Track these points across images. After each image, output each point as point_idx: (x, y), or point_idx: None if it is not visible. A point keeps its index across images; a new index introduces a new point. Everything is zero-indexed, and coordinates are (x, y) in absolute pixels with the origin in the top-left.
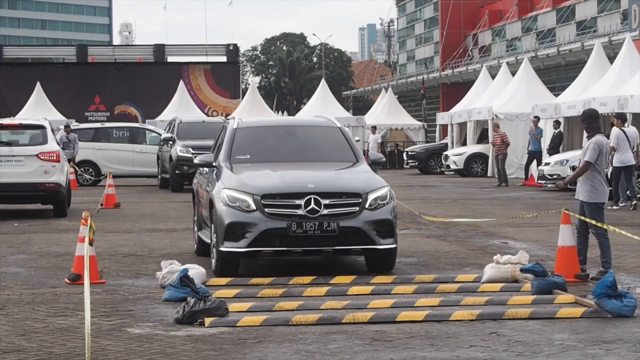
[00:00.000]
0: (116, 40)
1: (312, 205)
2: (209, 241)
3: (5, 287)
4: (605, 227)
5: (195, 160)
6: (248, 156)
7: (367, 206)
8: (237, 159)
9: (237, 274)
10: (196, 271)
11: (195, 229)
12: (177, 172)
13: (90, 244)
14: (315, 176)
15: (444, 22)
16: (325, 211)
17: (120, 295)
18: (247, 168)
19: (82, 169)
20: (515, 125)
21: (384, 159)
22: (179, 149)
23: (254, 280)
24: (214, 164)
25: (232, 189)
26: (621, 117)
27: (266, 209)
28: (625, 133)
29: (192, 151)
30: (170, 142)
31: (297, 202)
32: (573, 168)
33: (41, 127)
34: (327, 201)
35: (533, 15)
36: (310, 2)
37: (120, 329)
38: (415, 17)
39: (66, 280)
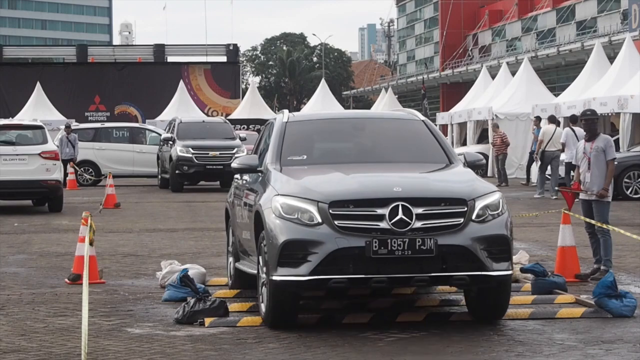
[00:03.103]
0: (116, 40)
1: (400, 215)
2: (252, 271)
3: (5, 287)
4: (608, 227)
5: (233, 164)
6: (304, 157)
7: (474, 217)
8: (290, 161)
9: (295, 317)
10: (196, 271)
11: (231, 258)
12: (177, 172)
13: (91, 244)
14: (402, 177)
15: (444, 22)
16: (418, 224)
17: (120, 295)
18: (306, 171)
19: (82, 169)
20: (515, 125)
21: (484, 160)
22: (179, 149)
23: None
24: (259, 168)
25: (288, 195)
26: (572, 119)
27: (336, 222)
28: (574, 132)
29: (192, 151)
30: (170, 142)
31: (380, 211)
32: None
33: (40, 127)
34: (420, 210)
35: (533, 15)
36: (310, 2)
37: (120, 329)
38: (415, 17)
39: (66, 280)
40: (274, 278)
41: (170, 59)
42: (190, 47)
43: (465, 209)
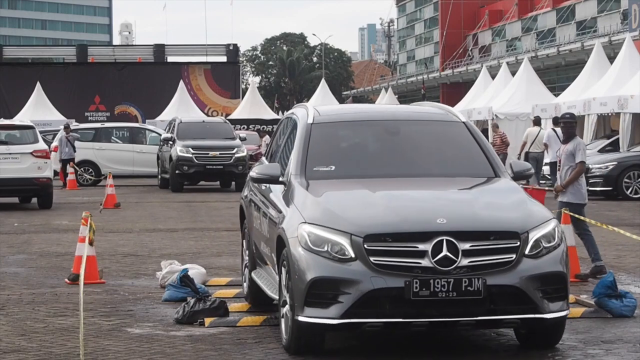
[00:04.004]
0: (116, 40)
1: (445, 252)
2: (272, 295)
3: (5, 287)
4: (590, 222)
5: (252, 174)
6: (332, 167)
7: (527, 252)
8: (316, 172)
9: (322, 350)
10: (196, 271)
11: (246, 266)
12: (177, 172)
13: (91, 244)
14: (445, 204)
15: (444, 22)
16: (465, 261)
17: (120, 295)
18: (335, 187)
19: (82, 169)
20: (515, 125)
21: (532, 170)
22: (179, 149)
23: None
24: (281, 179)
25: (316, 224)
26: (554, 121)
27: (372, 258)
28: (556, 133)
29: (192, 151)
30: (170, 142)
31: (421, 247)
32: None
33: (31, 127)
34: (467, 245)
35: (533, 15)
36: (310, 2)
37: (120, 329)
38: (415, 17)
39: (66, 280)
40: (301, 319)
41: (170, 59)
42: (190, 47)
43: (518, 243)
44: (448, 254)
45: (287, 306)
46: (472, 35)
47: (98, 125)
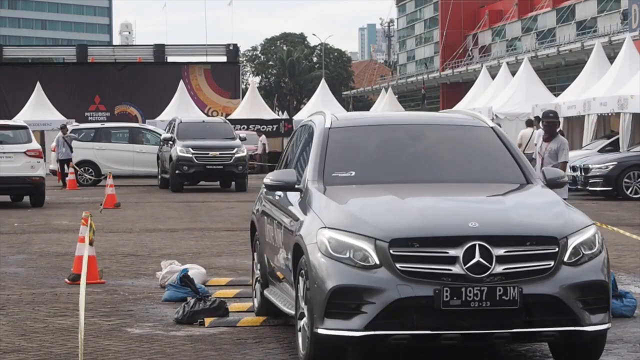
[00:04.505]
0: (116, 40)
1: (477, 257)
2: (288, 310)
3: (5, 287)
4: None
5: (266, 180)
6: (352, 173)
7: (566, 259)
8: (334, 178)
9: None
10: (196, 271)
11: (257, 283)
12: (177, 172)
13: (90, 244)
14: (477, 208)
15: (444, 22)
16: (499, 268)
17: (120, 295)
18: (355, 193)
19: (82, 169)
20: (515, 125)
21: (566, 177)
22: (179, 149)
23: None
24: (297, 185)
25: (337, 228)
26: (538, 119)
27: (398, 264)
28: None
29: (192, 151)
30: (170, 142)
31: (452, 252)
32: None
33: (24, 127)
34: (501, 251)
35: (533, 15)
36: (310, 2)
37: (120, 329)
38: (415, 17)
39: (66, 280)
40: (320, 332)
41: (170, 59)
42: (190, 47)
43: (556, 249)
44: (481, 260)
45: (305, 319)
46: (472, 35)
47: (98, 125)
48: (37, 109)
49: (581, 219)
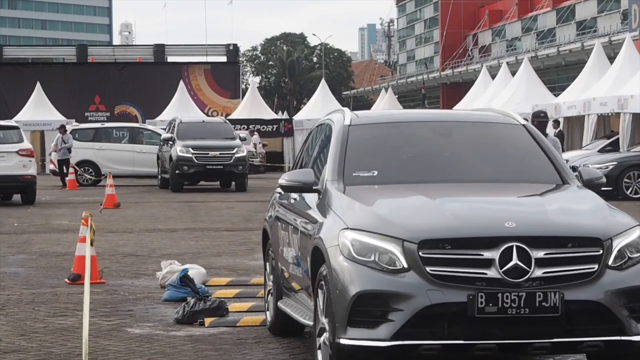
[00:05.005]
0: (116, 40)
1: (515, 260)
2: (305, 321)
3: (5, 287)
4: None
5: (281, 181)
6: (374, 173)
7: (611, 263)
8: (356, 178)
9: None
10: (196, 271)
11: (269, 293)
12: (177, 172)
13: (90, 244)
14: (514, 207)
15: (444, 22)
16: (539, 272)
17: (120, 295)
18: (378, 193)
19: (82, 169)
20: None
21: (604, 178)
22: (179, 149)
23: (254, 280)
24: (315, 187)
25: (360, 229)
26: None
27: (428, 268)
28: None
29: (192, 151)
30: (170, 142)
31: (487, 254)
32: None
33: (16, 127)
34: (540, 253)
35: (533, 15)
36: (310, 2)
37: (120, 329)
38: (415, 17)
39: (66, 280)
40: (343, 342)
41: (170, 59)
42: (190, 47)
43: (601, 251)
44: (519, 262)
45: (325, 335)
46: (472, 35)
47: (98, 125)
48: (37, 109)
49: (626, 219)
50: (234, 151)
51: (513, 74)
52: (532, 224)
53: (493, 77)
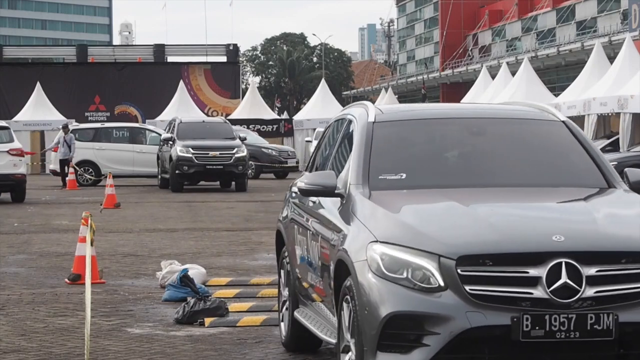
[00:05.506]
0: (116, 40)
1: (564, 278)
2: (326, 337)
3: (5, 287)
4: None
5: (300, 184)
6: (403, 175)
7: None
8: (382, 182)
9: None
10: (196, 271)
11: (284, 304)
12: (177, 172)
13: (90, 244)
14: (559, 217)
15: (444, 22)
16: (590, 291)
17: (120, 295)
18: (408, 199)
19: (82, 169)
20: None
21: None
22: (179, 149)
23: (254, 280)
24: (337, 191)
25: (391, 242)
26: None
27: (467, 287)
28: None
29: (192, 151)
30: (170, 142)
31: (533, 272)
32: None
33: (6, 127)
34: (592, 270)
35: (533, 15)
36: (310, 2)
37: (120, 329)
38: (415, 17)
39: (66, 280)
40: None
41: (170, 59)
42: (190, 47)
43: None
44: (568, 281)
45: (351, 354)
46: (472, 35)
47: (98, 125)
48: (37, 109)
49: None
50: (234, 151)
51: (513, 74)
52: (582, 237)
53: (493, 77)
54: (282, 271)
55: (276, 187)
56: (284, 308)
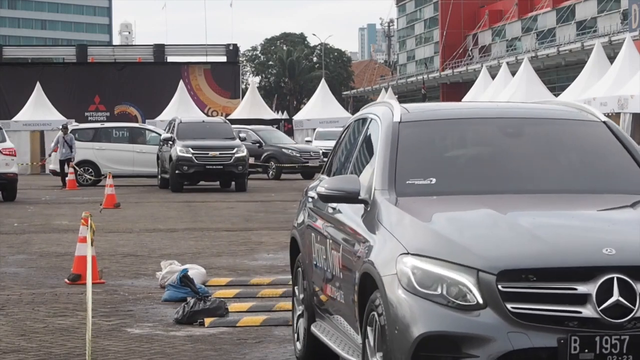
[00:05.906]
0: (116, 40)
1: (617, 296)
2: (347, 356)
3: (5, 287)
4: None
5: (320, 189)
6: (432, 181)
7: None
8: (410, 187)
9: None
10: (196, 271)
11: (300, 317)
12: (177, 172)
13: (90, 244)
14: (608, 228)
15: (444, 22)
16: None
17: (120, 295)
18: (439, 206)
19: (82, 169)
20: None
21: None
22: (179, 149)
23: (254, 280)
24: (361, 197)
25: (423, 255)
26: None
27: (509, 305)
28: None
29: (192, 151)
30: (170, 142)
31: (581, 288)
32: None
33: None
34: None
35: (533, 15)
36: (310, 2)
37: (120, 329)
38: (415, 17)
39: (66, 280)
40: None
41: (170, 59)
42: (190, 47)
43: None
44: (621, 299)
45: None
46: (472, 35)
47: (98, 125)
48: (37, 109)
49: None
50: (234, 151)
51: (513, 74)
52: (636, 250)
53: (493, 77)
54: (297, 280)
55: (276, 187)
56: (299, 321)
